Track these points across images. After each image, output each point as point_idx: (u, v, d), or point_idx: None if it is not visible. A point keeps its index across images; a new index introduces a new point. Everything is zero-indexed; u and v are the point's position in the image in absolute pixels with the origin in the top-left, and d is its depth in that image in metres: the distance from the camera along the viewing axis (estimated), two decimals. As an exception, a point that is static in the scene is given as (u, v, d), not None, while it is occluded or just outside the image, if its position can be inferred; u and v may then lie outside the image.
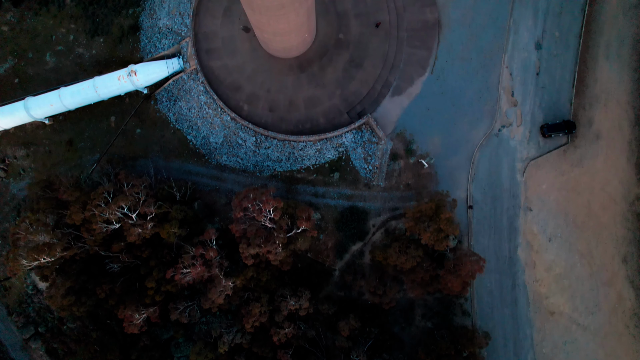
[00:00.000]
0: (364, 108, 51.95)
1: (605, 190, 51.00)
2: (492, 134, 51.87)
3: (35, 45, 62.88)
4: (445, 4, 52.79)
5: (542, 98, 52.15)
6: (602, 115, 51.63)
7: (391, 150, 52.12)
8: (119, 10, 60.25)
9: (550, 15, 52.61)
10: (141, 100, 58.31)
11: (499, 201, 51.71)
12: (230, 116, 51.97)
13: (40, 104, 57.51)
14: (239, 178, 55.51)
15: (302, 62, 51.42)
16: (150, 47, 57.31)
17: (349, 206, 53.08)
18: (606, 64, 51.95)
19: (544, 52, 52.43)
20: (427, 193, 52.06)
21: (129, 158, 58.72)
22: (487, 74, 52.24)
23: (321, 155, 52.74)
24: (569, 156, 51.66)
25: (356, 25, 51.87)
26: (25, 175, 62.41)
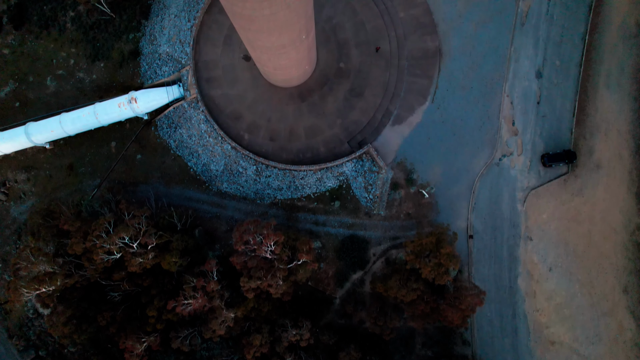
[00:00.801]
0: (364, 137, 51.96)
1: (605, 220, 51.02)
2: (493, 163, 51.88)
3: (36, 69, 62.91)
4: (446, 32, 52.76)
5: (543, 127, 52.15)
6: (603, 144, 51.62)
7: (392, 179, 52.13)
8: (119, 35, 60.23)
9: (551, 44, 52.59)
10: (141, 126, 58.34)
11: (500, 231, 51.74)
12: (231, 145, 51.97)
13: (41, 130, 57.57)
14: (240, 205, 55.56)
15: (302, 91, 51.43)
16: (151, 73, 57.30)
17: (350, 235, 53.11)
18: (607, 93, 51.93)
19: (544, 80, 52.42)
20: (427, 222, 52.09)
21: (129, 184, 58.78)
22: (488, 102, 52.24)
23: (322, 183, 52.77)
24: (569, 185, 51.68)
25: (357, 54, 51.85)
26: (26, 198, 62.50)
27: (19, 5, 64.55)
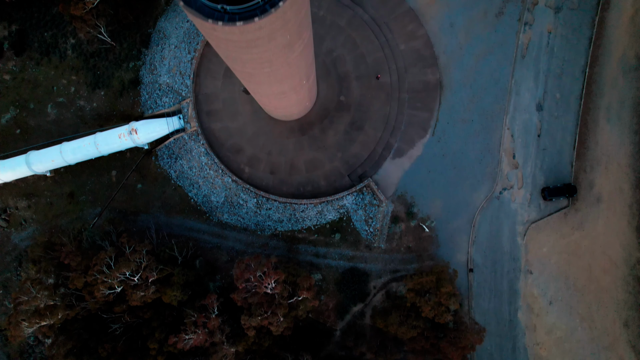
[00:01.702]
0: (365, 170, 52.00)
1: (606, 254, 51.04)
2: (493, 197, 51.90)
3: (37, 95, 62.96)
4: (446, 64, 52.76)
5: (543, 160, 52.15)
6: (603, 178, 51.62)
7: (392, 212, 52.16)
8: (120, 64, 60.27)
9: (551, 77, 52.58)
10: (142, 156, 58.39)
11: (500, 264, 51.77)
12: (232, 178, 52.02)
13: (42, 160, 57.63)
14: (241, 236, 55.62)
15: (303, 125, 51.47)
16: (151, 102, 57.35)
17: (350, 267, 53.17)
18: (607, 127, 51.92)
19: (545, 113, 52.43)
20: (428, 256, 52.13)
21: (130, 213, 58.85)
22: (489, 135, 52.26)
23: (322, 216, 52.80)
24: (569, 219, 51.68)
25: (357, 87, 51.87)
26: (27, 225, 62.59)
27: (20, 32, 64.61)
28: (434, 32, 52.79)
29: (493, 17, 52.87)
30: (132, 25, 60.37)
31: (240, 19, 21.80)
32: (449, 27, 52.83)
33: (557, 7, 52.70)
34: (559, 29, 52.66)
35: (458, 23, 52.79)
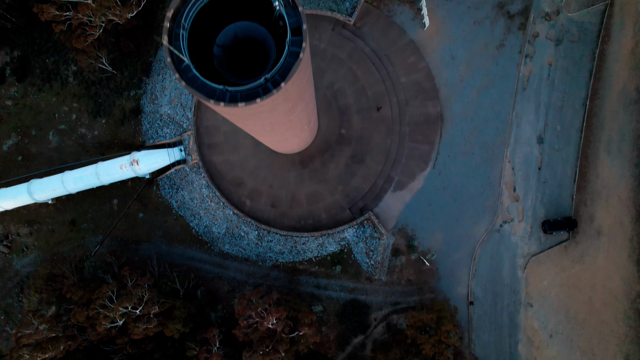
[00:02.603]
0: (366, 203, 52.10)
1: (606, 287, 51.13)
2: (494, 230, 52.00)
3: (39, 122, 63.15)
4: (447, 97, 52.82)
5: (544, 193, 52.22)
6: (604, 211, 51.69)
7: (393, 245, 52.28)
8: (121, 92, 60.42)
9: (552, 109, 52.63)
10: (143, 185, 58.53)
11: (500, 297, 51.87)
12: (233, 211, 52.16)
13: (44, 189, 57.84)
14: (242, 266, 55.77)
15: (304, 158, 51.58)
16: (152, 132, 57.49)
17: (351, 299, 53.31)
18: (607, 159, 51.98)
19: (545, 146, 52.48)
20: (428, 289, 52.25)
21: (131, 241, 59.03)
22: (489, 168, 52.33)
23: (323, 248, 52.94)
24: (570, 252, 51.77)
25: (358, 121, 51.96)
26: (29, 252, 62.83)
27: (22, 58, 64.82)
28: (435, 65, 52.84)
29: (494, 50, 52.92)
30: (133, 54, 60.51)
31: (242, 99, 21.92)
32: (450, 60, 52.89)
33: (557, 39, 52.73)
34: (560, 62, 52.69)
35: (459, 55, 52.85)
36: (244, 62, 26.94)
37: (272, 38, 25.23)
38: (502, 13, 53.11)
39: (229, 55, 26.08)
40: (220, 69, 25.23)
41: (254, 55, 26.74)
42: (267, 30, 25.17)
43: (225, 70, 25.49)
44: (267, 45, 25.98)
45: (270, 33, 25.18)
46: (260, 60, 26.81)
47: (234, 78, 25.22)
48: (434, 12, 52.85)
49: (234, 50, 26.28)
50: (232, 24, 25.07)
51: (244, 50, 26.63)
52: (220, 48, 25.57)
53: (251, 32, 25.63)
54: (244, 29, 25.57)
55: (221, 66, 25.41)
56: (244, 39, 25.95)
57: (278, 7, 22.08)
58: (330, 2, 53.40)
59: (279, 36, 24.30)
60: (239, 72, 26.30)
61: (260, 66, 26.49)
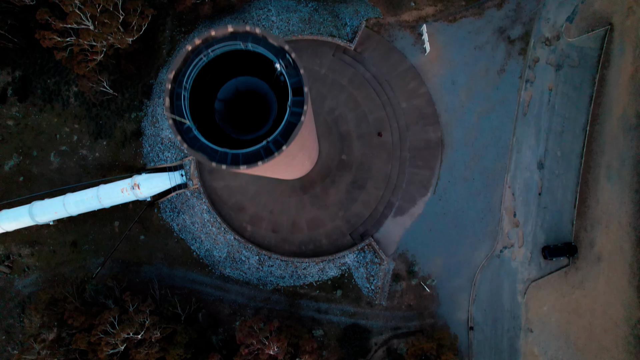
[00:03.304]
0: (366, 229, 52.24)
1: (607, 313, 51.25)
2: (494, 255, 52.12)
3: (40, 143, 63.29)
4: (448, 122, 52.92)
5: (544, 219, 52.33)
6: (604, 237, 51.79)
7: (393, 271, 52.44)
8: (122, 114, 60.55)
9: (552, 134, 52.72)
10: (144, 208, 58.68)
11: (500, 322, 52.01)
12: (234, 236, 52.34)
13: (45, 211, 57.97)
14: (243, 290, 55.93)
15: (304, 184, 51.70)
16: (153, 155, 57.65)
17: (352, 323, 53.46)
18: (607, 185, 52.07)
19: (546, 171, 52.58)
20: (428, 314, 52.40)
21: (133, 263, 59.20)
22: (490, 194, 52.44)
23: (324, 273, 53.10)
24: (570, 278, 51.89)
25: (359, 146, 52.09)
26: (30, 272, 63.00)
27: (23, 78, 64.94)
28: (435, 90, 52.95)
29: (495, 75, 53.01)
30: (134, 76, 60.63)
31: (244, 161, 22.05)
32: (450, 85, 52.98)
33: (558, 64, 52.80)
34: (560, 87, 52.77)
35: (460, 81, 52.94)
36: (245, 115, 27.06)
37: (273, 93, 25.36)
38: (503, 38, 53.19)
39: (230, 108, 26.21)
40: (222, 124, 25.35)
41: (256, 107, 26.85)
42: (268, 85, 25.31)
43: (227, 124, 25.60)
44: (268, 99, 26.10)
45: (272, 87, 25.32)
46: (261, 113, 26.94)
47: (236, 132, 25.34)
48: (434, 37, 52.95)
49: (235, 102, 26.41)
50: (234, 79, 25.20)
51: (246, 102, 26.76)
52: (221, 102, 25.69)
53: (252, 85, 25.77)
54: (245, 83, 25.70)
55: (222, 120, 25.54)
56: (246, 91, 26.08)
57: (280, 69, 22.22)
58: (331, 27, 53.52)
59: (280, 89, 24.45)
60: (240, 125, 26.44)
61: (262, 118, 26.61)
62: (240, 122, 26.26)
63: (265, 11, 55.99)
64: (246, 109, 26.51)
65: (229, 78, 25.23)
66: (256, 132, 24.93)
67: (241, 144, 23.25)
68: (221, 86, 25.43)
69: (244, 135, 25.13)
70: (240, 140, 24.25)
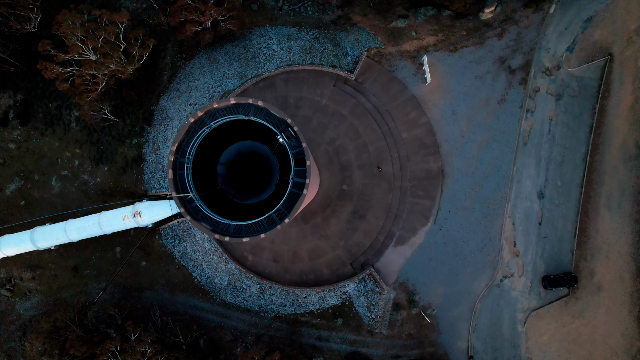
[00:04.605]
0: (367, 259, 52.46)
1: (607, 343, 51.46)
2: (494, 285, 52.33)
3: (41, 167, 63.45)
4: (449, 152, 53.09)
5: (544, 248, 52.53)
6: (604, 266, 51.98)
7: (394, 300, 52.66)
8: (123, 140, 60.70)
9: (553, 164, 52.89)
10: (146, 234, 58.89)
11: (500, 351, 52.23)
12: (235, 265, 52.55)
13: (47, 237, 58.02)
14: (244, 317, 56.15)
15: (305, 214, 51.87)
16: (154, 182, 57.81)
17: (352, 351, 53.69)
18: (607, 215, 52.24)
19: (546, 201, 52.76)
20: (429, 343, 52.62)
21: (134, 289, 59.42)
22: (490, 224, 52.63)
23: (325, 301, 53.32)
24: (570, 307, 52.10)
25: (360, 176, 52.27)
26: (31, 296, 63.22)
27: (25, 102, 65.09)
28: (436, 120, 53.11)
29: (495, 105, 53.17)
30: (135, 102, 60.77)
31: (247, 232, 22.22)
32: (451, 115, 53.16)
33: (558, 94, 52.96)
34: (560, 116, 52.95)
35: (460, 111, 53.11)
36: (247, 178, 27.29)
37: (275, 157, 25.54)
38: (503, 68, 53.34)
39: (232, 171, 26.42)
40: (224, 188, 25.55)
41: (258, 170, 27.07)
42: (270, 150, 25.51)
43: (229, 187, 25.81)
44: (270, 162, 26.30)
45: (273, 152, 25.50)
46: (263, 175, 27.14)
47: (238, 196, 25.55)
48: (435, 67, 53.10)
49: (238, 165, 26.61)
50: (236, 143, 25.40)
51: (248, 165, 26.97)
52: (224, 166, 25.93)
53: (254, 148, 25.99)
54: (247, 147, 25.92)
55: (225, 184, 25.77)
56: (248, 153, 26.29)
57: (282, 141, 22.40)
58: (332, 57, 53.63)
59: (281, 153, 24.61)
60: (242, 188, 26.64)
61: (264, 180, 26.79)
62: (243, 185, 26.50)
63: (266, 39, 56.08)
64: (248, 171, 26.73)
65: (232, 142, 25.44)
66: (258, 195, 25.17)
67: (243, 209, 23.44)
68: (223, 150, 25.63)
69: (246, 199, 25.35)
70: (243, 205, 24.41)
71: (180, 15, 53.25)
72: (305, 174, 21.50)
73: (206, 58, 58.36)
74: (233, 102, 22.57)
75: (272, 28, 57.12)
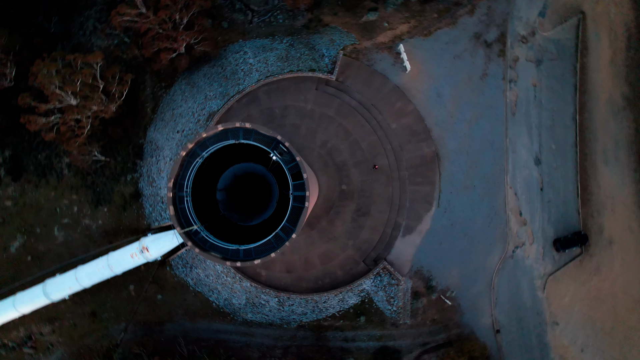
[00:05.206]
0: (378, 254, 52.66)
1: (627, 293, 51.86)
2: (507, 257, 52.62)
3: (41, 219, 63.29)
4: (440, 135, 53.31)
5: (550, 212, 52.86)
6: (611, 220, 52.38)
7: (412, 289, 52.88)
8: (117, 178, 60.61)
9: (544, 129, 53.21)
10: (156, 268, 58.87)
11: (525, 321, 52.56)
12: (250, 283, 52.66)
13: (59, 288, 57.77)
14: (268, 331, 56.26)
15: (310, 220, 52.00)
16: (156, 215, 57.80)
17: (380, 346, 53.91)
18: (606, 169, 52.64)
19: (544, 166, 53.09)
20: (454, 324, 52.92)
21: (155, 324, 59.38)
22: (493, 198, 52.90)
23: (344, 302, 53.52)
24: (585, 266, 52.46)
25: (357, 174, 52.46)
26: (54, 349, 63.09)
27: (13, 157, 64.87)
28: (422, 106, 53.32)
29: (478, 81, 53.42)
30: (123, 139, 60.71)
31: (257, 254, 22.35)
32: (436, 98, 53.38)
33: (537, 60, 53.29)
34: (544, 81, 53.27)
35: (445, 92, 53.35)
36: (247, 199, 27.44)
37: (271, 174, 25.70)
38: (480, 43, 53.61)
39: (231, 195, 26.56)
40: (227, 213, 25.69)
41: (256, 190, 27.22)
42: (265, 168, 25.66)
43: (231, 212, 25.94)
44: (267, 180, 26.45)
45: (269, 170, 25.64)
46: (263, 194, 27.29)
47: (242, 219, 25.72)
48: (412, 54, 53.31)
49: (236, 188, 26.76)
50: (231, 167, 25.56)
51: (246, 186, 27.12)
52: (222, 192, 26.06)
53: (250, 169, 26.15)
54: (242, 169, 26.10)
55: (227, 210, 25.90)
56: (244, 175, 26.44)
57: (275, 158, 22.54)
58: (309, 62, 53.76)
59: (277, 169, 24.75)
60: (244, 210, 26.78)
61: (264, 199, 26.94)
62: (244, 207, 26.63)
63: (241, 54, 56.15)
64: (247, 193, 26.89)
65: (226, 167, 25.60)
66: (261, 215, 25.36)
67: (249, 231, 23.56)
68: (219, 176, 25.78)
69: (250, 220, 25.54)
70: (248, 227, 24.54)
71: (153, 46, 53.27)
72: (304, 187, 21.66)
73: (185, 83, 58.41)
74: (221, 129, 22.65)
75: (246, 42, 57.16)
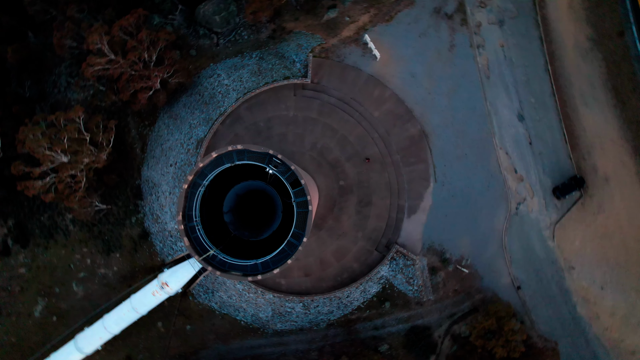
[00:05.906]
0: (388, 239, 53.93)
1: (633, 225, 53.23)
2: (512, 215, 53.98)
3: (58, 278, 64.27)
4: (422, 113, 54.61)
5: (543, 163, 54.24)
6: (603, 158, 53.75)
7: (428, 265, 54.18)
8: (122, 222, 61.64)
9: (520, 85, 54.57)
10: (179, 300, 59.93)
11: (542, 272, 53.89)
12: (272, 294, 53.83)
13: (90, 341, 58.70)
14: (300, 337, 57.44)
15: (316, 221, 53.18)
16: (167, 250, 58.87)
17: (410, 327, 55.19)
18: (587, 111, 54.03)
19: (527, 121, 54.45)
20: (476, 290, 54.25)
21: (190, 354, 60.45)
22: (486, 162, 54.25)
23: (367, 292, 54.77)
24: (588, 207, 53.84)
25: (351, 168, 53.69)
26: (99, 399, 63.99)
27: (17, 225, 65.84)
28: (399, 89, 54.58)
29: (447, 53, 54.75)
30: (119, 184, 61.74)
31: (274, 265, 23.51)
32: (411, 79, 54.66)
33: (499, 21, 54.66)
34: (510, 40, 54.63)
35: (418, 71, 54.64)
36: (254, 215, 28.60)
37: (271, 187, 26.86)
38: (441, 16, 54.93)
39: (238, 215, 27.70)
40: (237, 233, 26.82)
41: (260, 205, 28.36)
42: (263, 183, 26.83)
43: (241, 230, 27.08)
44: (268, 192, 27.61)
45: (268, 183, 26.79)
46: (267, 207, 28.44)
47: (252, 235, 26.85)
48: (379, 42, 54.54)
49: (241, 208, 27.91)
50: (232, 189, 26.68)
51: (250, 204, 28.26)
52: (228, 214, 27.20)
53: (250, 187, 27.26)
54: (242, 188, 27.22)
55: (236, 230, 27.03)
56: (245, 193, 27.59)
57: (272, 172, 23.70)
58: (282, 70, 54.93)
59: (275, 181, 25.93)
60: (253, 226, 27.93)
61: (270, 212, 28.10)
62: (252, 224, 27.81)
63: (215, 77, 57.25)
64: (252, 210, 28.06)
65: (227, 189, 26.74)
66: (270, 227, 26.50)
67: (262, 244, 24.69)
68: (223, 199, 26.91)
69: (260, 234, 26.68)
70: (260, 241, 25.72)
71: (129, 88, 54.36)
72: (304, 192, 22.85)
73: (168, 117, 59.47)
74: (215, 156, 23.77)
75: (217, 65, 58.27)
